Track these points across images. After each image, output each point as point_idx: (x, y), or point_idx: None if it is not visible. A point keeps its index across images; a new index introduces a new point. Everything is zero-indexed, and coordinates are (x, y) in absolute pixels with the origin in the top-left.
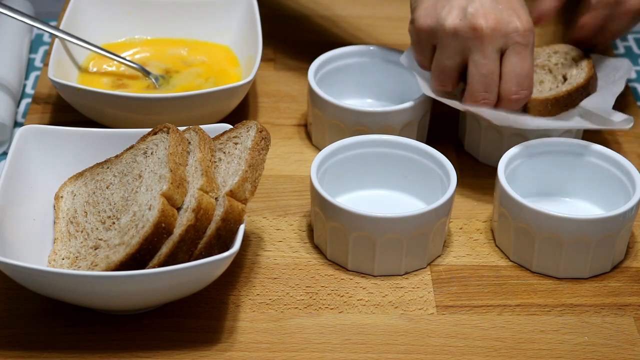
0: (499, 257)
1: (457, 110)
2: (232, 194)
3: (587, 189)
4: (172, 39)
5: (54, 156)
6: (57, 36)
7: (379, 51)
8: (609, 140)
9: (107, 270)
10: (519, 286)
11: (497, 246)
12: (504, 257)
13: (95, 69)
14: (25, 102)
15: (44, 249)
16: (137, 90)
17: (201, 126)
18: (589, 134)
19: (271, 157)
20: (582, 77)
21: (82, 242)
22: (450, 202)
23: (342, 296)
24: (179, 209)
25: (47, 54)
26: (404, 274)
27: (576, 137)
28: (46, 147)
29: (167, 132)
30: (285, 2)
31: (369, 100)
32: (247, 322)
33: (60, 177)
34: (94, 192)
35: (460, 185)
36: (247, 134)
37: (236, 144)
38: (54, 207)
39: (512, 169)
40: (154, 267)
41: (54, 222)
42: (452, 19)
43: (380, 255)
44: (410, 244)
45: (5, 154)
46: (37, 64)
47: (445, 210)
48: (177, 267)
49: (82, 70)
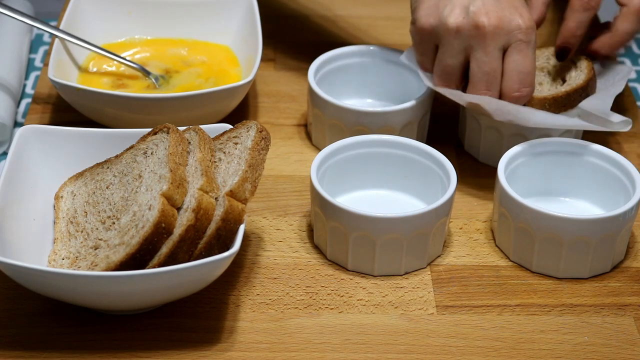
0: (499, 257)
1: (457, 110)
2: (232, 194)
3: (587, 189)
4: (172, 39)
5: (54, 156)
6: (57, 36)
7: (379, 51)
8: (609, 140)
9: (107, 270)
10: (519, 286)
11: (497, 246)
12: (504, 257)
13: (95, 69)
14: (25, 102)
15: (44, 249)
16: (137, 90)
17: (201, 126)
18: (589, 134)
19: (271, 157)
20: (581, 78)
21: (82, 242)
22: (450, 202)
23: (342, 296)
24: (179, 209)
25: (47, 54)
26: (404, 274)
27: (576, 137)
28: (46, 147)
29: (167, 132)
30: (285, 2)
31: (369, 100)
32: (247, 322)
33: (60, 177)
34: (94, 192)
35: (460, 185)
36: (247, 134)
37: (236, 144)
38: (54, 207)
39: (512, 169)
40: (154, 267)
41: (54, 222)
42: (454, 17)
43: (380, 255)
44: (410, 244)
45: (5, 154)
46: (37, 64)
47: (445, 210)
48: (177, 267)
49: (82, 70)
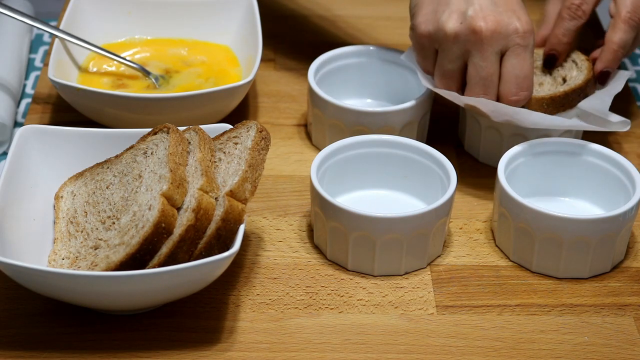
0: (499, 257)
1: (457, 110)
2: (232, 194)
3: (587, 189)
4: (172, 39)
5: (54, 156)
6: (57, 36)
7: (378, 51)
8: (609, 140)
9: (107, 270)
10: (519, 286)
11: (497, 246)
12: (504, 257)
13: (95, 69)
14: (25, 102)
15: (44, 249)
16: (137, 90)
17: (201, 126)
18: (589, 134)
19: (271, 157)
20: (580, 78)
21: (82, 242)
22: (450, 202)
23: (342, 296)
24: (179, 209)
25: (47, 54)
26: (404, 274)
27: (576, 137)
28: (46, 147)
29: (167, 132)
30: (285, 2)
31: (369, 100)
32: (247, 322)
33: (60, 177)
34: (94, 192)
35: (460, 185)
36: (247, 134)
37: (236, 144)
38: (54, 207)
39: (512, 169)
40: (154, 267)
41: (54, 222)
42: (452, 23)
43: (380, 255)
44: (410, 244)
45: (5, 154)
46: (37, 64)
47: (445, 210)
48: (177, 267)
49: (82, 70)
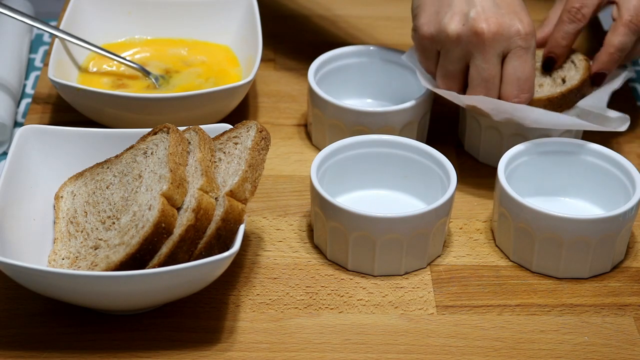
0: (499, 257)
1: (457, 110)
2: (232, 194)
3: (587, 189)
4: (172, 39)
5: (54, 156)
6: (57, 36)
7: (378, 51)
8: (609, 140)
9: (107, 270)
10: (519, 286)
11: (497, 246)
12: (504, 257)
13: (95, 69)
14: (25, 102)
15: (44, 249)
16: (137, 90)
17: (201, 126)
18: (589, 134)
19: (271, 157)
20: (576, 78)
21: (82, 242)
22: (450, 202)
23: (342, 296)
24: (179, 209)
25: (47, 54)
26: (404, 274)
27: (576, 136)
28: (46, 147)
29: (167, 132)
30: (285, 2)
31: (369, 100)
32: (247, 322)
33: (60, 177)
34: (94, 192)
35: (460, 185)
36: (247, 134)
37: (236, 144)
38: (54, 207)
39: (512, 169)
40: (154, 267)
41: (54, 222)
42: (454, 25)
43: (380, 255)
44: (410, 244)
45: (5, 154)
46: (37, 64)
47: (445, 210)
48: (177, 267)
49: (82, 70)
